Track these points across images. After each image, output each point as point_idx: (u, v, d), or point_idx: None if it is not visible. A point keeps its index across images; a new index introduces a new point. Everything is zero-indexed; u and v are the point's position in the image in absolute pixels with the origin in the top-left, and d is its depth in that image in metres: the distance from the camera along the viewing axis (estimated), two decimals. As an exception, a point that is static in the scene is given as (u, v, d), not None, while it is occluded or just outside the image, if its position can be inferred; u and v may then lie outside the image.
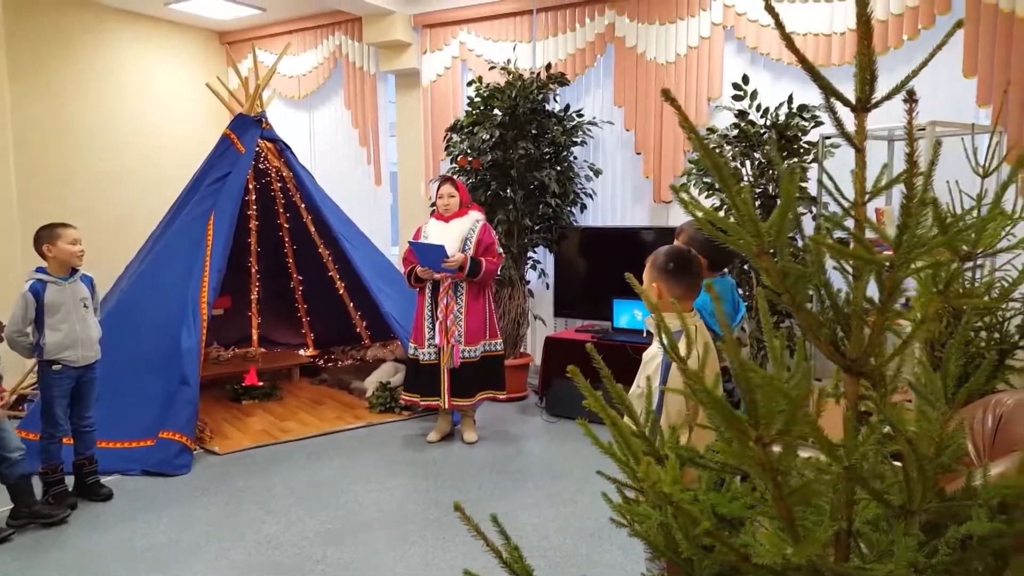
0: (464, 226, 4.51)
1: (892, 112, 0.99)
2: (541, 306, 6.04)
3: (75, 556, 3.20)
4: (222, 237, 4.96)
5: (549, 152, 5.55)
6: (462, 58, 6.39)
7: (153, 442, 4.24)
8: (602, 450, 1.26)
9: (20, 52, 6.04)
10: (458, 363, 4.48)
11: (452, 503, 3.71)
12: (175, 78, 7.53)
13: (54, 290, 3.53)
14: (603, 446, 1.27)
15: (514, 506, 3.68)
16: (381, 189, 7.30)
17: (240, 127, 5.45)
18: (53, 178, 6.50)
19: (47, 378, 3.58)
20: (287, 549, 3.24)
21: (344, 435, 4.88)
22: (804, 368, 0.83)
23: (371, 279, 5.47)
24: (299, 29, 7.35)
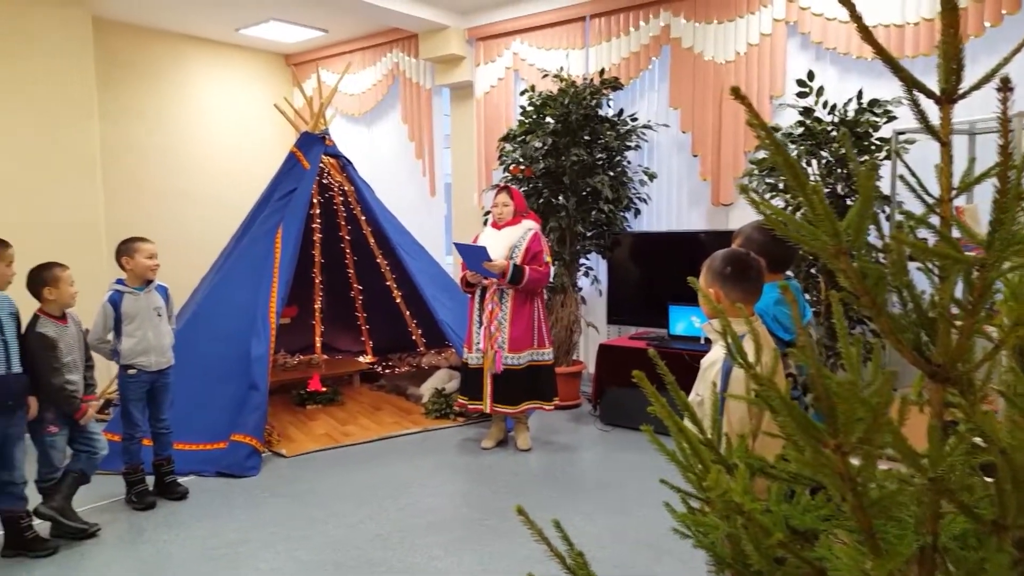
0: (515, 234, 4.52)
1: (972, 105, 0.94)
2: (594, 313, 6.00)
3: (154, 552, 3.32)
4: (289, 250, 5.11)
5: (602, 158, 5.52)
6: (515, 68, 6.43)
7: (226, 444, 4.37)
8: (668, 458, 1.23)
9: (109, 77, 6.42)
10: (500, 369, 4.47)
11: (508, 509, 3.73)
12: (244, 100, 7.86)
13: (130, 300, 3.73)
14: (670, 454, 1.24)
15: (569, 514, 3.65)
16: (435, 200, 7.41)
17: (305, 144, 5.61)
18: (134, 195, 6.89)
19: (124, 382, 3.77)
20: (349, 550, 3.29)
21: (402, 440, 4.94)
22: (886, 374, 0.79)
23: (427, 288, 5.53)
24: (359, 48, 7.57)
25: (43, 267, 3.31)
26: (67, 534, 3.36)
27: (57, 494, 3.34)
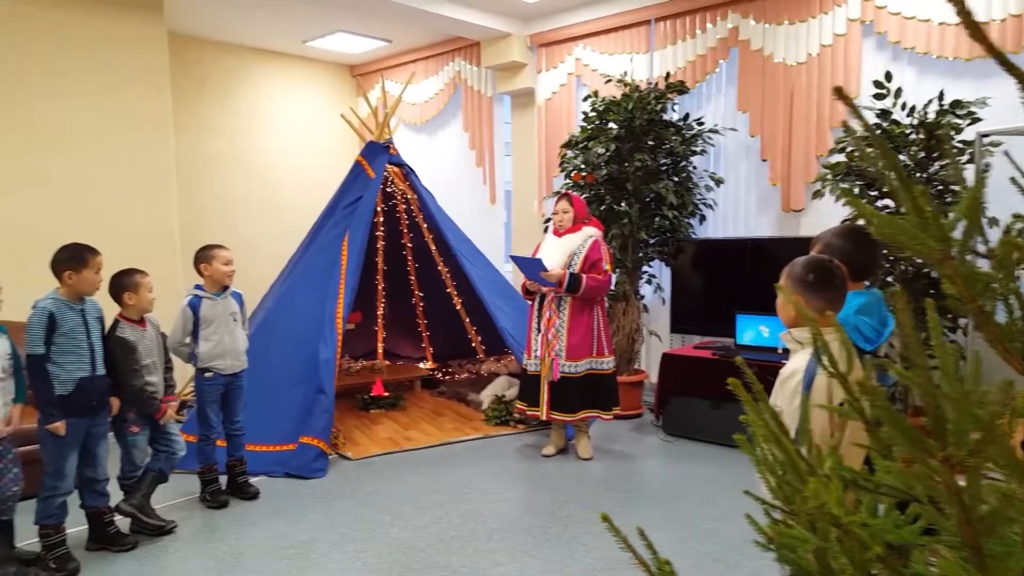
0: (574, 242, 4.49)
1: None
2: (657, 321, 5.92)
3: (228, 550, 3.41)
4: (355, 257, 5.22)
5: (667, 163, 5.46)
6: (577, 74, 6.42)
7: (294, 446, 4.48)
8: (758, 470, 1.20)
9: (183, 89, 6.70)
10: (557, 377, 4.45)
11: (570, 517, 3.69)
12: (310, 110, 8.10)
13: (208, 305, 3.86)
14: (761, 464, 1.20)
15: (632, 524, 3.55)
16: (495, 207, 7.45)
17: (370, 154, 5.73)
18: (206, 205, 7.19)
19: (200, 384, 3.91)
20: (414, 554, 3.32)
21: (462, 445, 4.96)
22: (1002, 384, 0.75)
23: (487, 295, 5.55)
24: (422, 58, 7.69)
25: (124, 273, 3.44)
26: (146, 530, 3.49)
27: (137, 492, 3.47)
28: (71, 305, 3.18)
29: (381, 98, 5.94)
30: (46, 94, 5.04)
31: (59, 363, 3.11)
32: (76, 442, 3.19)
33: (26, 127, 4.96)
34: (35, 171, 5.01)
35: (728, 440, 4.89)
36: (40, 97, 5.01)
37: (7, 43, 4.86)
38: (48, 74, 5.04)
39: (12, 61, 4.88)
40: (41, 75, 5.01)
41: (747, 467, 3.91)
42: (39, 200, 5.01)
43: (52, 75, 5.06)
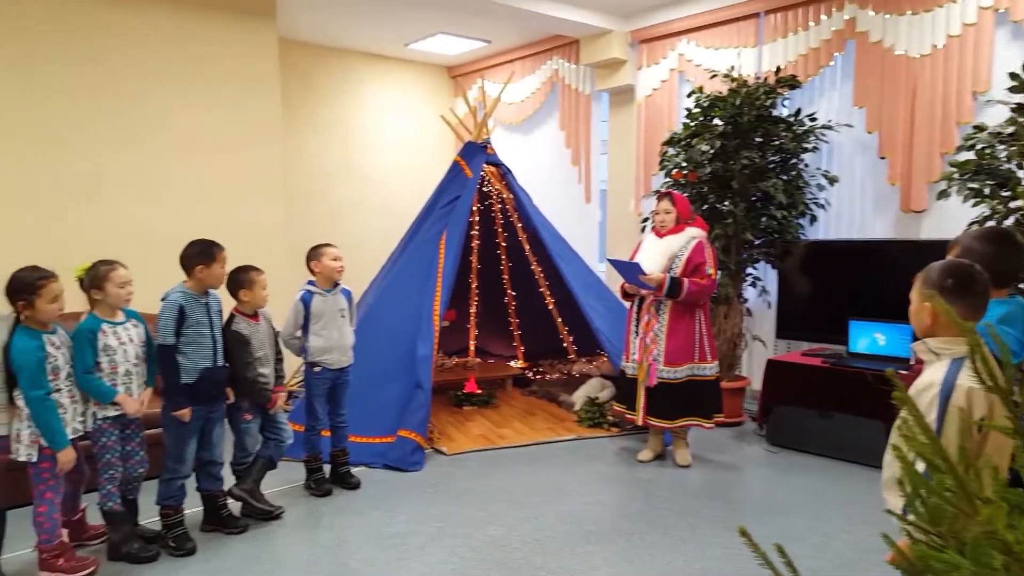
0: (675, 243, 4.35)
1: None
2: (761, 326, 5.70)
3: (331, 537, 3.51)
4: (452, 255, 5.28)
5: (775, 161, 5.24)
6: (679, 70, 6.27)
7: (393, 439, 4.56)
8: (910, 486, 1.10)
9: (290, 93, 6.94)
10: (654, 382, 4.32)
11: (670, 525, 3.58)
12: (409, 111, 8.29)
13: (319, 300, 3.99)
14: (918, 483, 1.10)
15: (734, 536, 3.43)
16: (590, 207, 7.38)
17: (468, 154, 5.79)
18: (315, 204, 7.47)
19: (310, 378, 4.03)
20: (510, 552, 3.31)
21: (555, 446, 4.92)
22: None
23: (582, 295, 5.49)
24: (519, 57, 7.71)
25: (242, 270, 3.58)
26: (256, 514, 3.62)
27: (248, 477, 3.61)
28: (197, 298, 3.33)
29: (479, 98, 5.99)
30: (167, 100, 5.32)
31: (186, 353, 3.27)
32: (197, 428, 3.35)
33: (150, 131, 5.25)
34: (158, 172, 5.30)
35: (838, 452, 4.68)
36: (161, 103, 5.30)
37: (131, 53, 5.15)
38: (168, 81, 5.32)
39: (136, 69, 5.18)
40: (162, 82, 5.29)
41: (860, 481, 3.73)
42: (162, 199, 5.31)
43: (172, 82, 5.34)
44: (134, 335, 3.23)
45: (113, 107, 5.09)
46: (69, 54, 4.89)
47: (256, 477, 3.64)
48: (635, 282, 4.34)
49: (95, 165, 5.02)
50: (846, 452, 4.52)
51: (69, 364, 3.04)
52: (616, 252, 6.99)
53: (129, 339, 3.20)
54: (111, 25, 5.05)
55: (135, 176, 5.20)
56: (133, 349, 3.21)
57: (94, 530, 3.41)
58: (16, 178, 4.74)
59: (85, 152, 4.99)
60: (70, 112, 4.92)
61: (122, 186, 5.15)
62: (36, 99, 4.79)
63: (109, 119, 5.07)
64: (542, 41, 7.37)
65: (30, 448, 2.93)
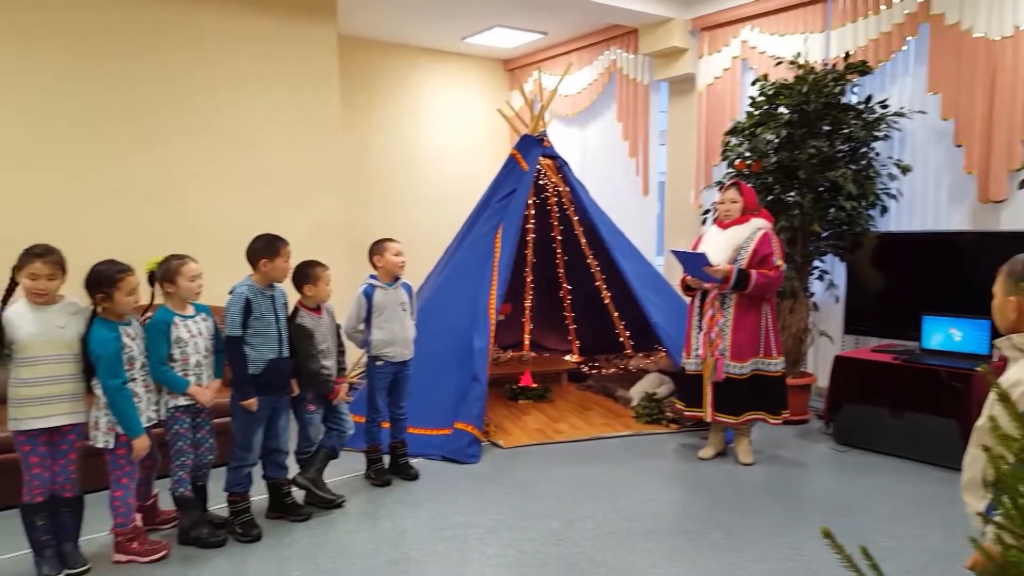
0: (740, 234, 4.24)
1: None
2: (828, 321, 5.52)
3: (391, 527, 3.54)
4: (508, 249, 5.27)
5: (843, 150, 5.05)
6: (743, 57, 6.11)
7: (450, 431, 4.59)
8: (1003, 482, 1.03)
9: (349, 89, 7.00)
10: (721, 377, 4.22)
11: (733, 524, 3.50)
12: (465, 106, 8.32)
13: (381, 294, 4.03)
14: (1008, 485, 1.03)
15: (802, 537, 3.37)
16: (648, 199, 7.27)
17: (525, 147, 5.76)
18: (374, 200, 7.57)
19: (372, 371, 4.09)
20: (569, 547, 3.29)
21: (612, 442, 4.87)
22: None
23: (640, 289, 5.41)
24: (576, 49, 7.65)
25: (307, 265, 3.64)
26: (318, 503, 3.68)
27: (311, 466, 3.68)
28: (263, 291, 3.40)
29: (535, 91, 5.95)
30: (231, 99, 5.45)
31: (253, 345, 3.34)
32: (263, 418, 3.42)
33: (214, 128, 5.39)
34: (224, 169, 5.44)
35: (910, 452, 4.51)
36: (226, 101, 5.43)
37: (197, 50, 5.28)
38: (232, 78, 5.45)
39: (201, 67, 5.31)
40: (227, 81, 5.42)
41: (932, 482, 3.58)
42: (228, 195, 5.44)
43: (236, 81, 5.46)
44: (203, 328, 3.32)
45: (180, 106, 5.24)
46: (138, 53, 5.05)
47: (319, 466, 3.70)
48: (698, 275, 4.24)
49: (164, 163, 5.18)
50: (918, 452, 4.35)
51: (143, 355, 3.13)
52: (675, 245, 6.87)
53: (199, 332, 3.29)
54: (177, 25, 5.19)
55: (202, 173, 5.35)
56: (203, 342, 3.29)
57: (166, 515, 3.51)
58: (91, 176, 4.92)
59: (154, 150, 5.15)
60: (140, 111, 5.08)
61: (190, 183, 5.30)
62: (108, 99, 4.96)
63: (176, 118, 5.22)
64: (599, 32, 7.29)
65: (107, 435, 3.03)
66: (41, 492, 2.94)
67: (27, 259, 2.86)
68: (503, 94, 8.42)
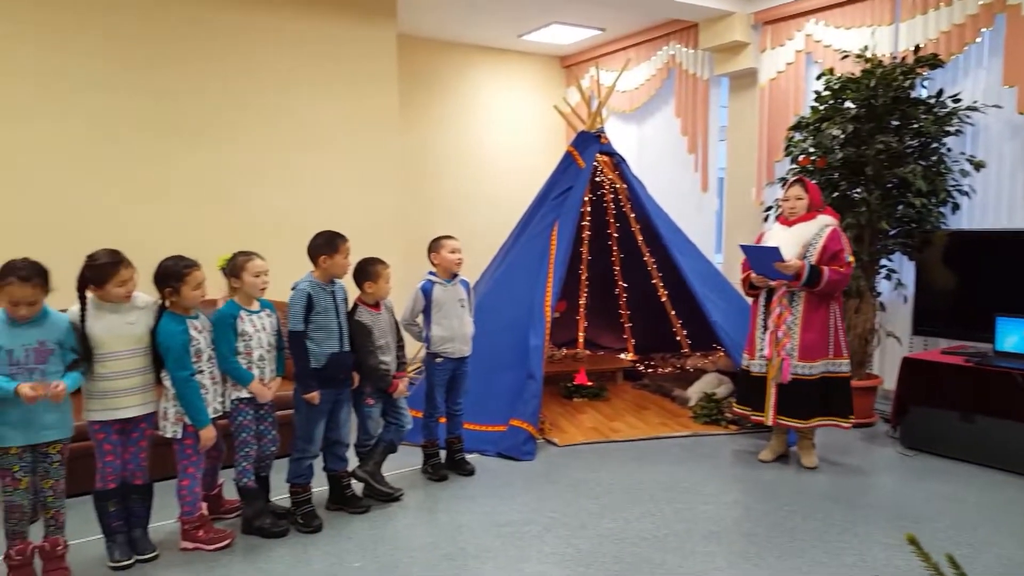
0: (809, 231, 4.13)
1: None
2: (895, 322, 5.35)
3: (449, 521, 3.57)
4: (563, 246, 5.26)
5: (913, 145, 4.88)
6: (807, 51, 5.97)
7: (505, 428, 4.60)
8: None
9: (406, 88, 7.09)
10: (787, 379, 4.10)
11: (796, 528, 3.42)
12: (521, 103, 8.36)
13: (439, 290, 4.08)
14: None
15: (867, 544, 3.27)
16: (707, 195, 7.16)
17: (582, 143, 5.73)
18: (431, 197, 7.67)
19: (431, 368, 4.13)
20: (626, 547, 3.26)
21: (669, 442, 4.81)
22: None
23: (699, 287, 5.33)
24: (634, 44, 7.58)
25: (368, 262, 3.69)
26: (377, 496, 3.74)
27: (370, 460, 3.74)
28: (324, 287, 3.47)
29: (592, 87, 5.91)
30: (293, 98, 5.57)
31: (314, 339, 3.41)
32: (325, 411, 3.49)
33: (276, 128, 5.52)
34: (285, 168, 5.57)
35: (982, 458, 4.33)
36: (288, 100, 5.55)
37: (260, 53, 5.42)
38: (294, 80, 5.57)
39: (265, 68, 5.45)
40: (288, 81, 5.55)
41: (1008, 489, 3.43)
42: (289, 192, 5.57)
43: (297, 80, 5.59)
44: (267, 323, 3.40)
45: (243, 107, 5.39)
46: (203, 56, 5.20)
47: (378, 460, 3.76)
48: (767, 272, 4.13)
49: (228, 163, 5.34)
50: (991, 458, 4.18)
51: (210, 347, 3.22)
52: (735, 242, 6.76)
53: (263, 327, 3.37)
54: (242, 28, 5.34)
55: (265, 172, 5.49)
56: (266, 337, 3.37)
57: (230, 504, 3.61)
58: (160, 175, 5.10)
59: (220, 150, 5.30)
60: (205, 113, 5.24)
61: (253, 182, 5.45)
62: (175, 102, 5.12)
63: (240, 119, 5.37)
64: (658, 27, 7.21)
65: (176, 425, 3.12)
66: (113, 479, 3.06)
67: (115, 268, 2.94)
68: (559, 91, 8.40)
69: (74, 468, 3.04)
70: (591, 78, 6.72)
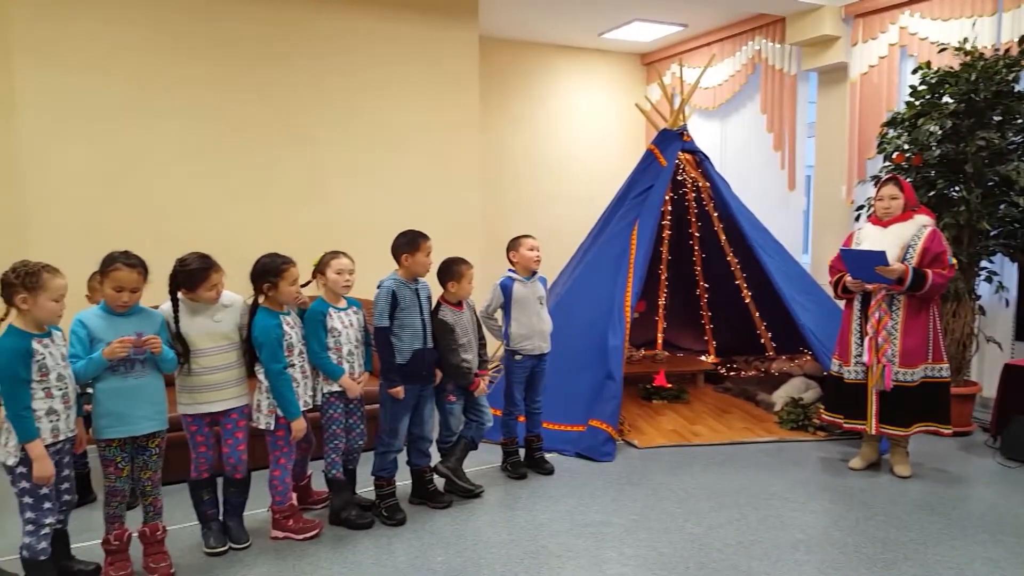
0: (906, 232, 3.96)
1: None
2: (996, 327, 5.07)
3: (529, 519, 3.60)
4: (644, 246, 5.22)
5: (1017, 141, 4.62)
6: (901, 44, 5.72)
7: (584, 428, 4.59)
8: None
9: (487, 88, 7.16)
10: (889, 386, 3.95)
11: (890, 539, 3.29)
12: (600, 101, 8.32)
13: (519, 287, 4.13)
14: None
15: (967, 558, 3.12)
16: (794, 194, 6.95)
17: (663, 141, 5.66)
18: (511, 197, 7.74)
19: (510, 365, 4.18)
20: (711, 552, 3.21)
21: (754, 447, 4.70)
22: None
23: (786, 289, 5.18)
24: (717, 40, 7.45)
25: (452, 262, 3.76)
26: (458, 491, 3.81)
27: (452, 456, 3.81)
28: (408, 285, 3.55)
29: (673, 84, 5.83)
30: (375, 99, 5.72)
31: (399, 336, 3.50)
32: (409, 406, 3.58)
33: (360, 129, 5.68)
34: (372, 165, 5.73)
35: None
36: (370, 102, 5.70)
37: (343, 55, 5.58)
38: (377, 81, 5.72)
39: (348, 71, 5.61)
40: (371, 82, 5.69)
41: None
42: (376, 191, 5.73)
43: (380, 82, 5.73)
44: (354, 320, 3.51)
45: (335, 107, 5.57)
46: (286, 59, 5.39)
47: (459, 456, 3.83)
48: (866, 275, 3.97)
49: (313, 163, 5.53)
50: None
51: (301, 342, 3.35)
52: (823, 242, 6.56)
53: (350, 323, 3.48)
54: (325, 31, 5.50)
55: (349, 172, 5.67)
56: (354, 333, 3.48)
57: (318, 495, 3.74)
58: (258, 175, 5.33)
59: (310, 149, 5.50)
60: (290, 115, 5.43)
61: (338, 182, 5.63)
62: (262, 105, 5.33)
63: (325, 120, 5.55)
64: (743, 21, 7.06)
65: (268, 417, 3.26)
66: (206, 469, 3.21)
67: (206, 273, 3.07)
68: (639, 88, 8.33)
69: (170, 457, 3.20)
70: (672, 75, 6.62)
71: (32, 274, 2.60)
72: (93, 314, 2.90)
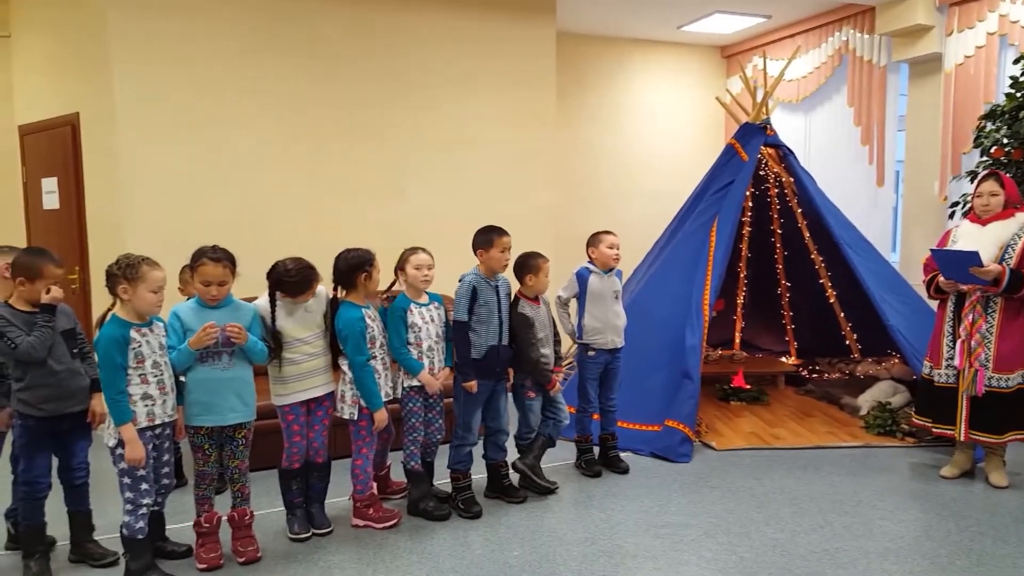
0: (1006, 231, 3.75)
1: None
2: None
3: (604, 518, 3.58)
4: (724, 243, 5.11)
5: None
6: (1001, 33, 5.43)
7: (660, 428, 4.54)
8: None
9: (565, 84, 7.12)
10: (981, 391, 3.76)
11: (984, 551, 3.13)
12: (679, 95, 8.17)
13: (595, 279, 4.13)
14: None
15: (1074, 576, 2.94)
16: (883, 190, 6.68)
17: (745, 135, 5.52)
18: (588, 193, 7.68)
19: (583, 361, 4.18)
20: (794, 558, 3.13)
21: (838, 452, 4.54)
22: None
23: (874, 288, 4.98)
24: (801, 31, 7.22)
25: (530, 256, 3.78)
26: (533, 488, 3.83)
27: (530, 453, 3.83)
28: (488, 281, 3.60)
29: (755, 77, 5.68)
30: (454, 96, 5.78)
31: (476, 331, 3.55)
32: (482, 400, 3.62)
33: (440, 124, 5.75)
34: (450, 162, 5.80)
35: None
36: (449, 99, 5.77)
37: (421, 53, 5.65)
38: (455, 78, 5.77)
39: (425, 68, 5.68)
40: (449, 80, 5.76)
41: None
42: (454, 187, 5.80)
43: (458, 79, 5.79)
44: (435, 316, 3.57)
45: (415, 105, 5.65)
46: (365, 56, 5.48)
47: (537, 453, 3.85)
48: (959, 276, 3.79)
49: (391, 161, 5.62)
50: None
51: (382, 335, 3.44)
52: (913, 239, 6.27)
53: (431, 319, 3.54)
54: (402, 29, 5.57)
55: (427, 169, 5.74)
56: (434, 328, 3.55)
57: (396, 486, 3.83)
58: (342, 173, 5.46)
59: (383, 148, 5.58)
60: (373, 113, 5.54)
61: (415, 179, 5.72)
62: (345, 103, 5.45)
63: (403, 119, 5.63)
64: (829, 12, 6.81)
65: (352, 407, 3.35)
66: (299, 459, 3.33)
67: (310, 284, 3.22)
68: (719, 82, 8.15)
69: (258, 444, 3.32)
70: (754, 67, 6.46)
71: (132, 266, 2.77)
72: (187, 307, 3.05)
